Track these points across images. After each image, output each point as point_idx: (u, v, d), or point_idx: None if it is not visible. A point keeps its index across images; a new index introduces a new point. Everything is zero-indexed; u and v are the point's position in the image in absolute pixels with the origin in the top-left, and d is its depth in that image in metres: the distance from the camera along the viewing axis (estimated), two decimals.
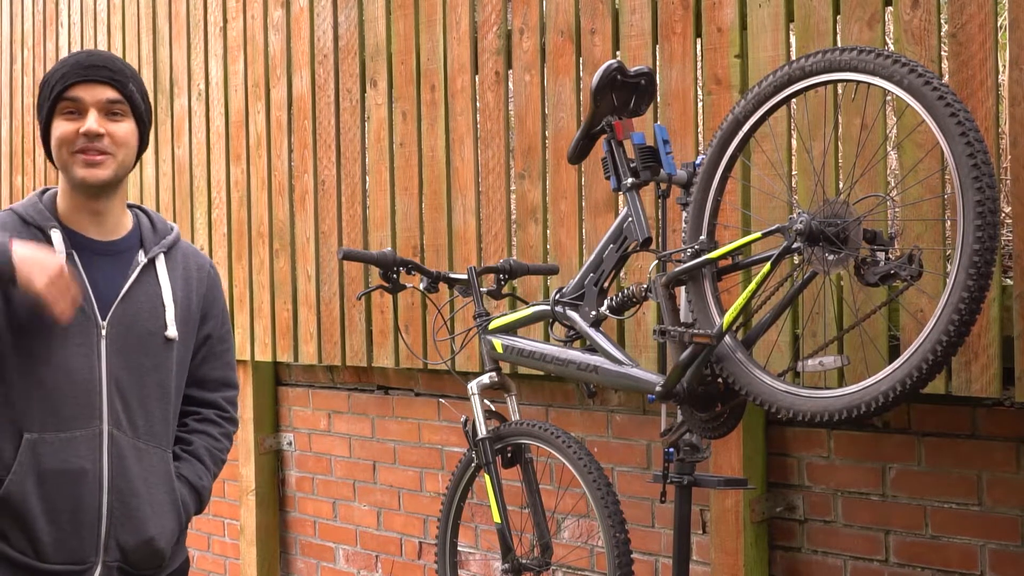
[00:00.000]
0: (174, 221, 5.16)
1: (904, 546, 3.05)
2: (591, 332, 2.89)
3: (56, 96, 2.32)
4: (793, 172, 3.11)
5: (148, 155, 5.32)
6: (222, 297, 2.61)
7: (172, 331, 2.41)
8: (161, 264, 2.44)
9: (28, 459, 2.29)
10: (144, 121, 2.40)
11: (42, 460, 2.29)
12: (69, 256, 2.33)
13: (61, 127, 2.32)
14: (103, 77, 2.32)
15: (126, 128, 2.35)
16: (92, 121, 2.30)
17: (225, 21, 4.92)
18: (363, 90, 4.30)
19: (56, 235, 2.34)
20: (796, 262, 2.50)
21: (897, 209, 2.86)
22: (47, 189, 2.45)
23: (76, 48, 5.78)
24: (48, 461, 2.30)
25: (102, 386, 2.33)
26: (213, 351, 2.57)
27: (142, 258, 2.41)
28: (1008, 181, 2.72)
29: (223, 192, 4.92)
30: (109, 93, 2.33)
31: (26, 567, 2.31)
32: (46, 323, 2.28)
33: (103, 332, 2.34)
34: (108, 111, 2.32)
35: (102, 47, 5.62)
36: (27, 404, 2.31)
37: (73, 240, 2.36)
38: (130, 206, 2.48)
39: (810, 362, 2.50)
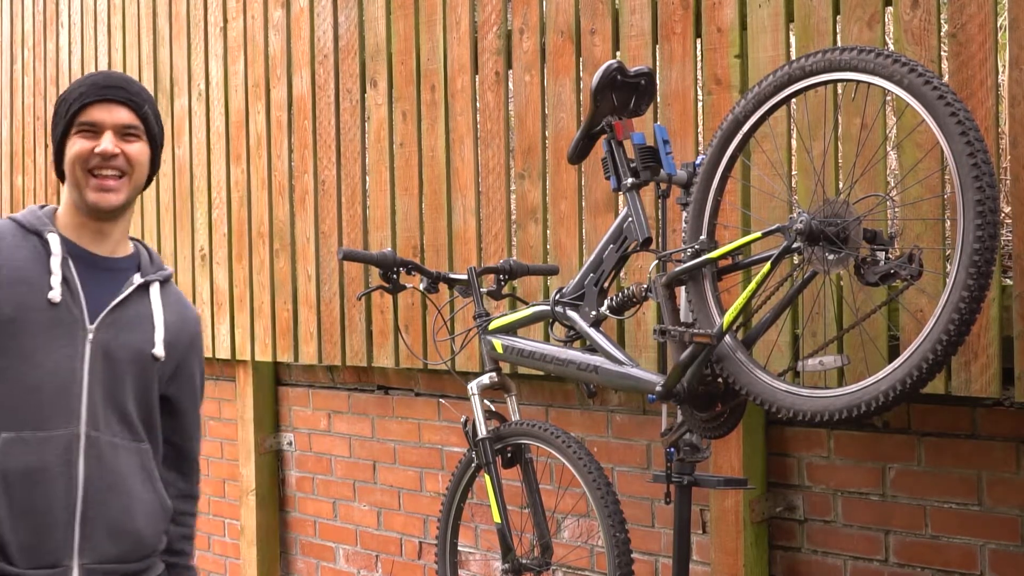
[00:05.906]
0: (174, 221, 5.18)
1: (904, 546, 3.05)
2: (591, 332, 2.89)
3: (73, 115, 2.34)
4: (793, 172, 3.11)
5: None
6: (201, 358, 2.55)
7: (160, 350, 2.39)
8: (155, 291, 2.43)
9: (1, 459, 2.25)
10: (157, 144, 2.42)
11: (14, 460, 2.25)
12: (64, 261, 2.32)
13: (77, 145, 2.33)
14: (120, 98, 2.35)
15: (140, 148, 2.36)
16: (108, 142, 2.32)
17: (225, 21, 4.92)
18: (363, 90, 4.30)
19: (53, 238, 2.33)
20: (796, 262, 2.50)
21: (897, 209, 2.86)
22: (45, 205, 2.45)
23: (76, 48, 5.79)
24: (20, 461, 2.26)
25: (82, 388, 2.31)
26: (181, 406, 2.50)
27: (137, 279, 2.41)
28: (1008, 181, 2.72)
29: (223, 192, 4.92)
30: (125, 115, 2.34)
31: None
32: (31, 323, 2.27)
33: (89, 336, 2.32)
34: (123, 133, 2.34)
35: (102, 47, 5.62)
36: (6, 403, 2.27)
37: (70, 249, 2.35)
38: (132, 239, 2.49)
39: (810, 362, 2.50)
